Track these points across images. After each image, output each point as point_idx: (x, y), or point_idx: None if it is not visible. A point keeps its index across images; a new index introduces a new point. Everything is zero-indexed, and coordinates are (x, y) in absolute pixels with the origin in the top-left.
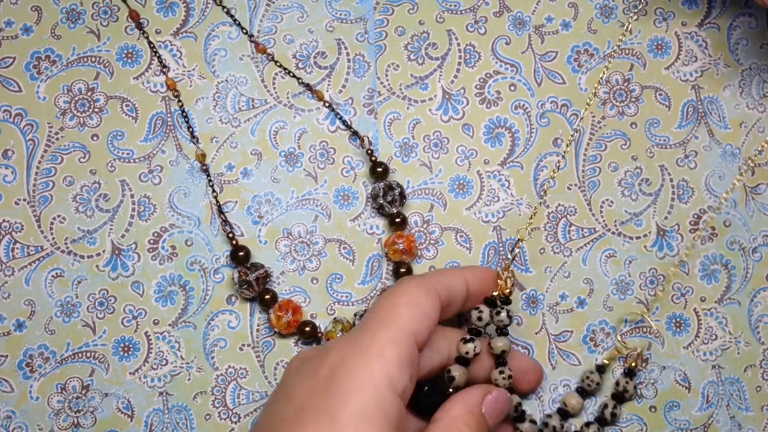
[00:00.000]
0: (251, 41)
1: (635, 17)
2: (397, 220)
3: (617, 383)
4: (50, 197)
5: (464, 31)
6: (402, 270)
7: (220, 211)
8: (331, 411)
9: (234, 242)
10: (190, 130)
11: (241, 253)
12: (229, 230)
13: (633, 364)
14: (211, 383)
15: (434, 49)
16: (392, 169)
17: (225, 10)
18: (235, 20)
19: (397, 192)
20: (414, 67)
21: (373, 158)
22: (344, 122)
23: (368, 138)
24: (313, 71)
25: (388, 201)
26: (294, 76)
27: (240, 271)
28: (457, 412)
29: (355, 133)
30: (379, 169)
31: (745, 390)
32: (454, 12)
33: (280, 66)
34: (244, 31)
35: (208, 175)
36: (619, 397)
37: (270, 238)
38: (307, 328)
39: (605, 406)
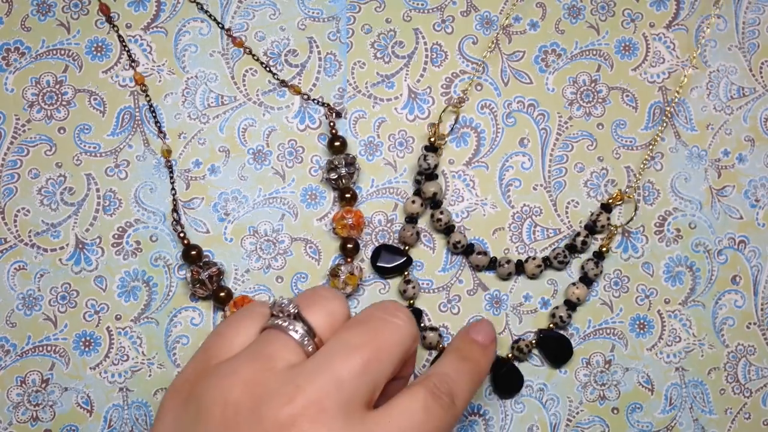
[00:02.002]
0: (228, 35)
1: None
2: (348, 195)
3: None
4: (15, 189)
5: (431, 29)
6: (349, 245)
7: (175, 210)
8: None
9: (185, 242)
10: (158, 125)
11: (193, 252)
12: (180, 230)
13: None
14: (171, 380)
15: (401, 48)
16: (357, 166)
17: (199, 6)
18: (209, 15)
19: (355, 167)
20: (380, 66)
21: (334, 131)
22: (322, 103)
23: (335, 110)
24: (284, 69)
25: (344, 175)
26: (270, 71)
27: (192, 270)
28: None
29: (322, 104)
30: (337, 143)
31: (708, 393)
32: (421, 11)
33: (257, 60)
34: (220, 24)
35: (171, 172)
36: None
37: (236, 236)
38: None
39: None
